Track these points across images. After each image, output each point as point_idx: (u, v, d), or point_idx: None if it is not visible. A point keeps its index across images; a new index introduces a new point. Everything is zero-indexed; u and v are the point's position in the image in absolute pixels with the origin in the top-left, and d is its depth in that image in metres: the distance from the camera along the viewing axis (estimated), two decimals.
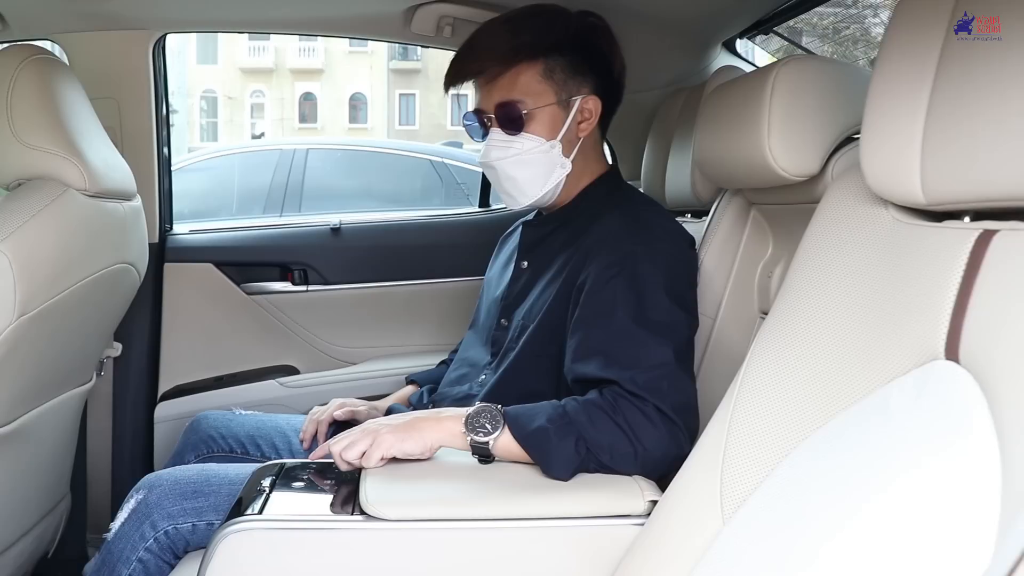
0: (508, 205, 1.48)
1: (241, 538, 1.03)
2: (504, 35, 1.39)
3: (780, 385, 0.89)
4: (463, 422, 1.16)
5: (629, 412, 1.14)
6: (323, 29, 2.17)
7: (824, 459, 0.80)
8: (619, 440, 1.13)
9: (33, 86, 1.42)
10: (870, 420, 0.77)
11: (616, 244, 1.30)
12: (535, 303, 1.40)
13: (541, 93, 1.38)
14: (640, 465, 1.14)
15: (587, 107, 1.41)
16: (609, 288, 1.25)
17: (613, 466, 1.13)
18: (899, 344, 0.78)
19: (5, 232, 1.29)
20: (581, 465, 1.13)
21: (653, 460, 1.14)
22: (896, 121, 0.79)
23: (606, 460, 1.13)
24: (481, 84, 1.42)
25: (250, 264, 2.24)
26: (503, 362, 1.40)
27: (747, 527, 0.85)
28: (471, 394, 1.43)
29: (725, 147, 1.28)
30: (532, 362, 1.36)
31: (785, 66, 1.15)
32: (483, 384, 1.43)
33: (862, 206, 0.90)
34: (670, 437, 1.14)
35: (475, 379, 1.47)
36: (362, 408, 1.59)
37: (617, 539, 1.05)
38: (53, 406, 1.57)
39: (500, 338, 1.46)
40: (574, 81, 1.40)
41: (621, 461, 1.13)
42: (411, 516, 1.05)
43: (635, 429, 1.13)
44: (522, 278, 1.49)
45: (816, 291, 0.90)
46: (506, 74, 1.38)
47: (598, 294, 1.26)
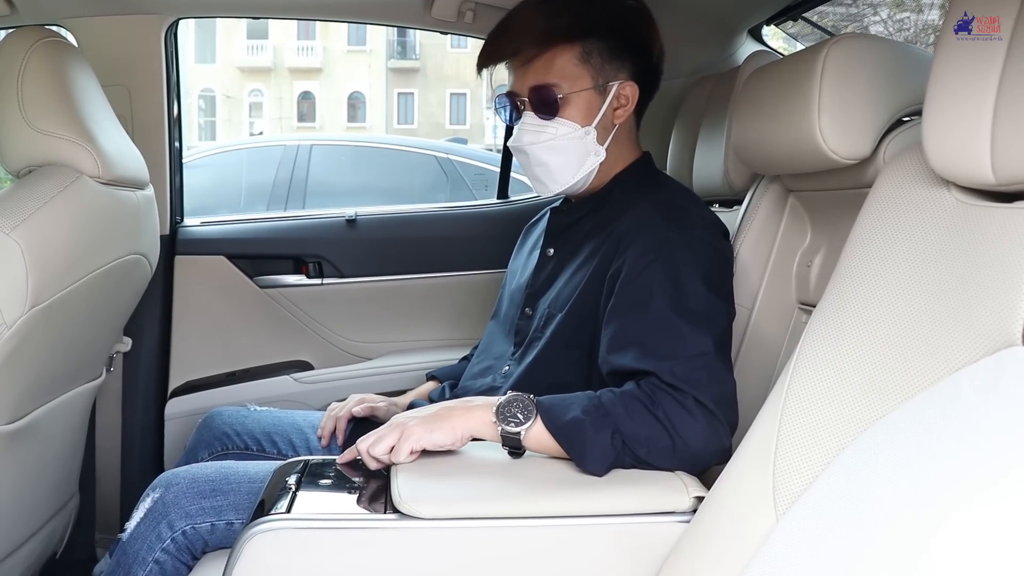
0: (538, 192, 1.44)
1: (269, 538, 0.99)
2: (541, 16, 1.35)
3: (835, 375, 0.86)
4: (494, 411, 1.13)
5: (668, 404, 1.10)
6: (339, 14, 2.13)
7: (887, 452, 0.76)
8: (657, 433, 1.09)
9: (44, 70, 1.39)
10: (938, 411, 0.74)
11: (652, 231, 1.26)
12: (562, 291, 1.37)
13: (577, 77, 1.34)
14: (678, 459, 1.10)
15: (624, 93, 1.37)
16: (645, 276, 1.22)
17: (650, 460, 1.10)
18: (968, 331, 0.75)
19: (17, 219, 1.26)
20: (617, 459, 1.09)
21: (692, 454, 1.10)
22: (963, 98, 0.77)
23: (643, 454, 1.09)
24: (516, 66, 1.38)
25: (263, 257, 2.21)
26: (528, 353, 1.37)
27: (804, 522, 0.81)
28: (495, 386, 1.40)
29: (768, 130, 1.24)
30: (561, 353, 1.33)
31: (836, 44, 1.11)
32: (507, 375, 1.40)
33: (921, 188, 0.87)
34: (710, 430, 1.11)
35: (499, 371, 1.43)
36: (381, 404, 1.56)
37: (661, 537, 1.01)
38: (62, 402, 1.54)
39: (524, 328, 1.42)
40: (611, 66, 1.36)
41: (659, 455, 1.10)
42: (446, 514, 1.01)
43: (674, 422, 1.10)
44: (548, 266, 1.45)
45: (872, 278, 0.87)
46: (542, 56, 1.34)
47: (633, 282, 1.23)
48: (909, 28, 10.94)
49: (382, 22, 2.12)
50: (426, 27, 2.08)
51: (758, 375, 1.39)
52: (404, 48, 27.05)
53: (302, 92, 27.01)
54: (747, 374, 1.39)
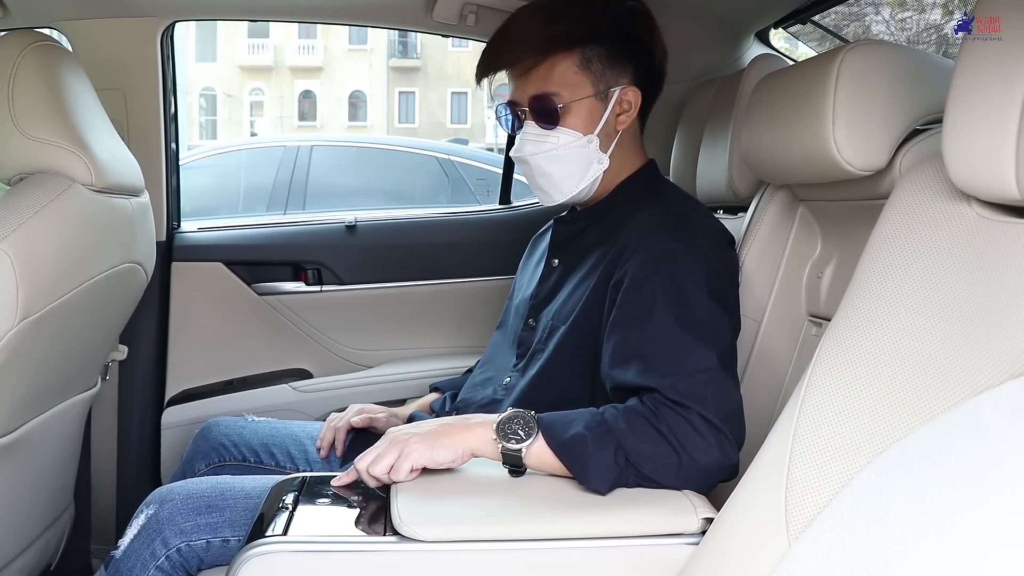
0: (542, 201, 1.42)
1: (265, 561, 0.96)
2: (538, 23, 1.33)
3: (849, 395, 0.83)
4: (494, 428, 1.10)
5: (672, 420, 1.08)
6: (339, 17, 2.10)
7: (904, 478, 0.74)
8: (662, 449, 1.07)
9: (36, 75, 1.36)
10: (958, 436, 0.71)
11: (655, 240, 1.24)
12: (566, 303, 1.35)
13: (578, 85, 1.32)
14: (684, 476, 1.07)
15: (626, 99, 1.35)
16: (647, 287, 1.20)
17: (655, 477, 1.07)
18: (990, 352, 0.73)
19: (7, 229, 1.23)
20: (621, 477, 1.07)
21: (700, 470, 1.08)
22: (987, 107, 0.74)
23: (648, 471, 1.06)
24: (515, 75, 1.37)
25: (261, 263, 2.18)
26: (531, 365, 1.35)
27: (817, 548, 0.79)
28: (496, 398, 1.38)
29: (779, 139, 1.21)
30: (565, 366, 1.30)
31: (851, 51, 1.08)
32: (508, 387, 1.38)
33: (939, 202, 0.84)
34: (717, 446, 1.08)
35: (500, 382, 1.41)
36: (381, 415, 1.54)
37: (669, 559, 0.99)
38: (56, 413, 1.52)
39: (527, 339, 1.40)
40: (612, 71, 1.34)
41: (664, 472, 1.07)
42: (448, 536, 0.98)
43: (679, 438, 1.07)
44: (552, 276, 1.43)
45: (888, 295, 0.84)
46: (541, 65, 1.32)
47: (635, 292, 1.20)
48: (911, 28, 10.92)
49: (383, 25, 2.10)
50: (428, 30, 2.05)
51: (767, 388, 1.37)
52: (405, 47, 27.08)
53: (303, 91, 27.06)
54: (755, 387, 1.37)
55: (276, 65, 26.76)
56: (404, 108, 27.29)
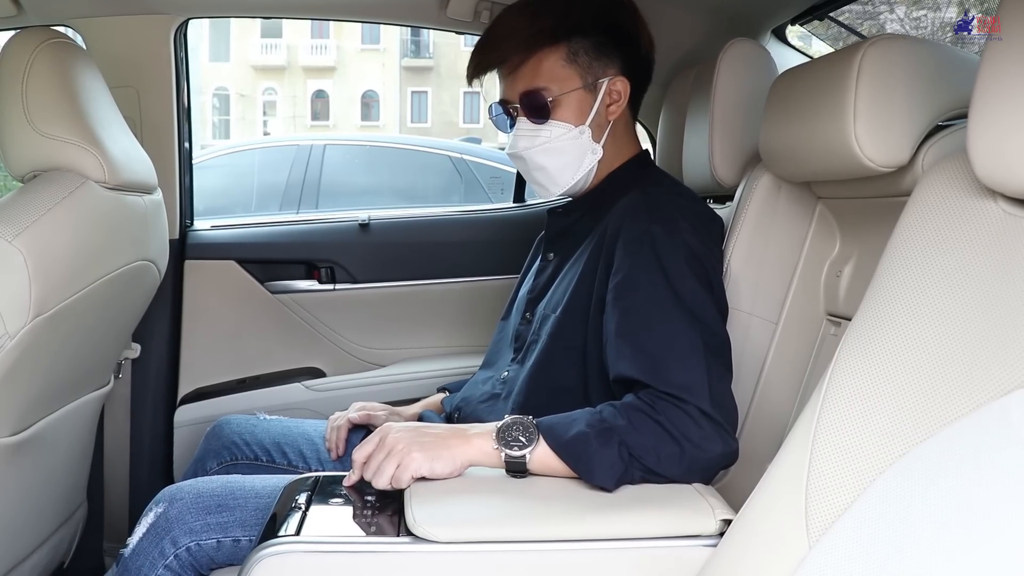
0: (540, 195, 1.45)
1: (278, 561, 0.96)
2: (523, 21, 1.36)
3: (871, 396, 0.81)
4: (494, 437, 1.11)
5: (670, 412, 1.09)
6: (352, 14, 2.10)
7: (928, 480, 0.72)
8: (664, 441, 1.08)
9: (49, 72, 1.36)
10: (984, 438, 0.70)
11: (635, 223, 1.26)
12: (555, 291, 1.37)
13: (566, 78, 1.35)
14: (687, 465, 1.08)
15: (615, 89, 1.37)
16: (631, 272, 1.22)
17: (659, 470, 1.07)
18: (1017, 352, 0.71)
19: (20, 227, 1.22)
20: (626, 473, 1.07)
21: (702, 459, 1.09)
22: (1014, 103, 0.73)
23: (651, 463, 1.07)
24: (504, 74, 1.40)
25: (274, 261, 2.17)
26: (528, 357, 1.36)
27: (838, 551, 0.77)
28: (495, 392, 1.39)
29: (799, 136, 1.20)
30: (560, 356, 1.31)
31: (873, 46, 1.06)
32: (505, 381, 1.38)
33: (964, 199, 0.83)
34: (716, 434, 1.10)
35: (497, 376, 1.42)
36: (380, 413, 1.54)
37: (685, 560, 0.98)
38: (69, 411, 1.52)
39: (524, 332, 1.42)
40: (600, 63, 1.36)
41: (668, 463, 1.08)
42: (463, 538, 0.97)
43: (679, 427, 1.08)
44: (547, 270, 1.45)
45: (911, 294, 0.82)
46: (528, 61, 1.35)
47: (619, 277, 1.22)
48: (926, 26, 10.84)
49: (396, 22, 2.09)
50: (441, 27, 2.05)
51: (785, 388, 1.36)
52: (418, 47, 27.11)
53: (316, 90, 27.15)
54: (773, 387, 1.36)
55: (289, 65, 26.86)
56: (417, 107, 27.33)
